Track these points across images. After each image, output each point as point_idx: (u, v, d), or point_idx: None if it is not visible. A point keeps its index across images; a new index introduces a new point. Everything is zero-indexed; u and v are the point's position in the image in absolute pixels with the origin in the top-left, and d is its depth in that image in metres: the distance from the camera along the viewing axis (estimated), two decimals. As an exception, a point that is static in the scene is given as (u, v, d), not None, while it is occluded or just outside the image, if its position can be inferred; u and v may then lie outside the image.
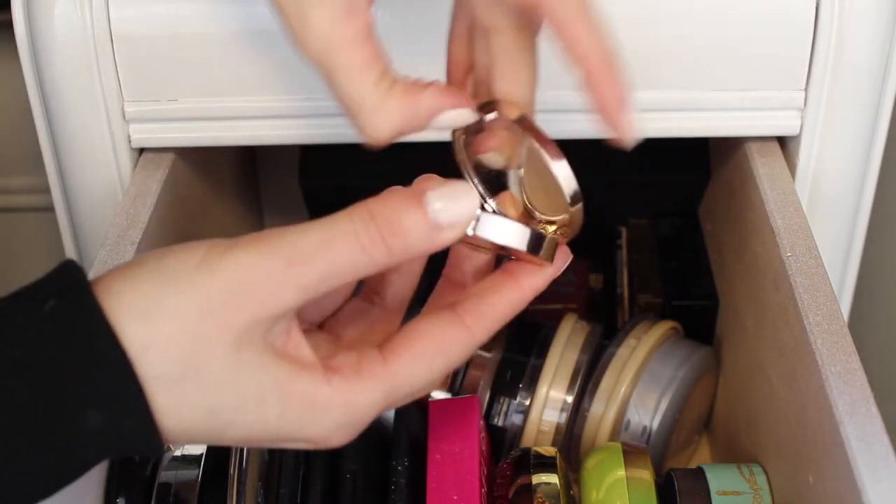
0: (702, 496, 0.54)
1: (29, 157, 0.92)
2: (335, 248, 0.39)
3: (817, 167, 0.62)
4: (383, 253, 0.39)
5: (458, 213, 0.40)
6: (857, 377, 0.47)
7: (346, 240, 0.39)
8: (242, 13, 0.58)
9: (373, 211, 0.39)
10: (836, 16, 0.57)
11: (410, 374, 0.42)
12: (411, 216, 0.39)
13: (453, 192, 0.40)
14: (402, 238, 0.39)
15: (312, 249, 0.39)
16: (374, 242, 0.39)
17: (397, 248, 0.39)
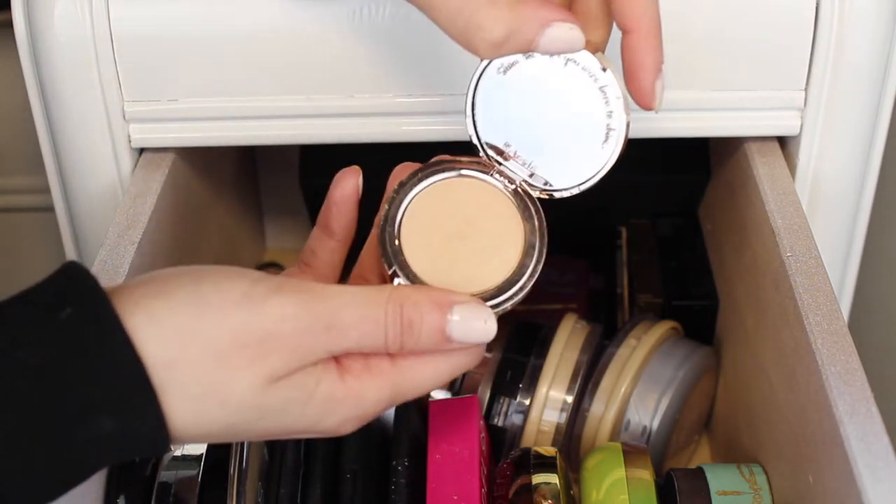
0: (702, 496, 0.54)
1: (29, 157, 0.92)
2: (366, 331, 0.43)
3: (817, 167, 0.62)
4: (397, 346, 0.43)
5: (470, 334, 0.44)
6: (857, 377, 0.47)
7: (376, 328, 0.43)
8: (243, 13, 0.58)
9: (404, 308, 0.43)
10: (836, 16, 0.57)
11: (416, 376, 0.44)
12: (431, 322, 0.43)
13: (474, 313, 0.44)
14: (416, 339, 0.43)
15: (349, 325, 0.42)
16: (394, 337, 0.43)
17: (408, 345, 0.43)
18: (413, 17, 0.57)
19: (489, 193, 0.48)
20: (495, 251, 0.47)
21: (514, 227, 0.48)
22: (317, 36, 0.58)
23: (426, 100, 0.59)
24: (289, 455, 0.54)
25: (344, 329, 0.42)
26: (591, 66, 0.47)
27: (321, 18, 0.58)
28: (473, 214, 0.48)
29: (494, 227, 0.48)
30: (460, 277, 0.46)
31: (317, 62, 0.58)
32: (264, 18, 0.58)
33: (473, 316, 0.44)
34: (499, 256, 0.47)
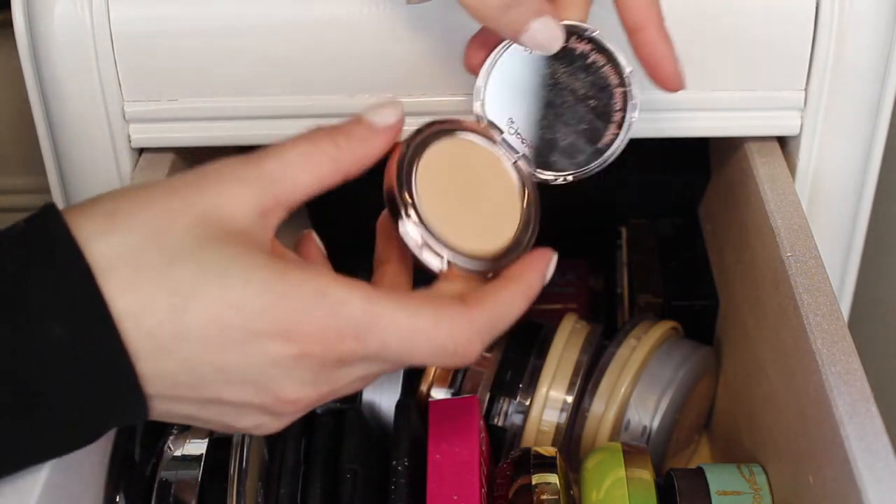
0: (702, 496, 0.54)
1: (29, 157, 0.92)
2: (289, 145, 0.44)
3: (817, 167, 0.62)
4: (330, 145, 0.44)
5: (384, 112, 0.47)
6: (857, 377, 0.47)
7: (296, 140, 0.44)
8: (243, 13, 0.58)
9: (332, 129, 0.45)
10: (836, 16, 0.57)
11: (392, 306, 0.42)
12: (348, 122, 0.46)
13: (381, 104, 0.46)
14: (345, 135, 0.45)
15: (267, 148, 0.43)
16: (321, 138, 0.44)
17: (342, 142, 0.44)
18: (413, 18, 0.57)
19: (492, 160, 0.50)
20: (496, 217, 0.48)
21: (514, 199, 0.49)
22: (317, 36, 0.58)
23: (426, 100, 0.59)
24: (289, 455, 0.54)
25: (266, 150, 0.43)
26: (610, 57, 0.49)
27: (322, 18, 0.58)
28: (478, 179, 0.49)
29: (496, 193, 0.49)
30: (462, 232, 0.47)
31: (317, 62, 0.58)
32: (264, 18, 0.58)
33: (383, 104, 0.46)
34: (499, 223, 0.48)
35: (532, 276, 0.47)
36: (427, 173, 0.47)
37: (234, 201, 0.41)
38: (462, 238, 0.47)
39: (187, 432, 0.54)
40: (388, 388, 0.63)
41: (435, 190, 0.47)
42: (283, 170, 0.43)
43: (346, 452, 0.54)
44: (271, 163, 0.43)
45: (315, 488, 0.53)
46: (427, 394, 0.65)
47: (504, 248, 0.48)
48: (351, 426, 0.56)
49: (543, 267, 0.48)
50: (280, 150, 0.43)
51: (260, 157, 0.43)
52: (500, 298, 0.45)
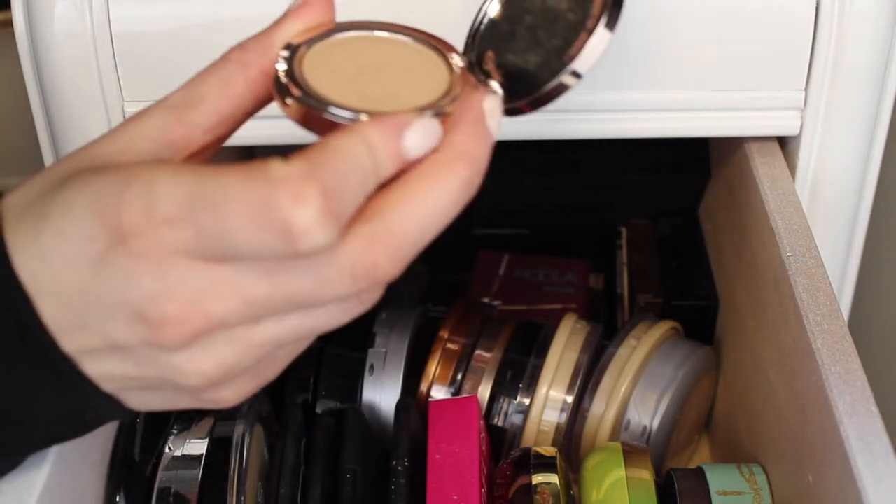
0: (702, 496, 0.54)
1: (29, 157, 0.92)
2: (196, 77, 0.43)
3: (817, 167, 0.62)
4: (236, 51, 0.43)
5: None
6: (857, 377, 0.47)
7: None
8: (243, 13, 0.58)
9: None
10: (836, 16, 0.57)
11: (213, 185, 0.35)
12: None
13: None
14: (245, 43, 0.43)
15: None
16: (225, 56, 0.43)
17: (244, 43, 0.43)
18: (412, 18, 0.57)
19: (409, 49, 0.43)
20: (418, 76, 0.41)
21: (435, 62, 0.42)
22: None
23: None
24: (289, 455, 0.54)
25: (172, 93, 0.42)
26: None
27: (321, 18, 0.57)
28: (388, 59, 0.42)
29: (412, 64, 0.42)
30: (382, 97, 0.40)
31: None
32: (264, 18, 0.57)
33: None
34: (423, 80, 0.41)
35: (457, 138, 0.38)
36: (319, 63, 0.41)
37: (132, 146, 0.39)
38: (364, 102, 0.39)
39: (187, 432, 0.54)
40: (388, 388, 0.63)
41: (329, 74, 0.40)
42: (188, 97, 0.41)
43: (346, 452, 0.54)
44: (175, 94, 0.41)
45: (315, 488, 0.53)
46: (427, 394, 0.65)
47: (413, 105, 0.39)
48: (351, 426, 0.56)
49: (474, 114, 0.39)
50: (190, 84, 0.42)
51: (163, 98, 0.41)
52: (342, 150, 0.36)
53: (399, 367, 0.63)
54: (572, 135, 0.60)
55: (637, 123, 0.60)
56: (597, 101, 0.59)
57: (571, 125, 0.60)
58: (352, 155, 0.36)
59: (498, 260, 0.80)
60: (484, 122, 0.39)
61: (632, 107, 0.59)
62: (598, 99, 0.59)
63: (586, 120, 0.60)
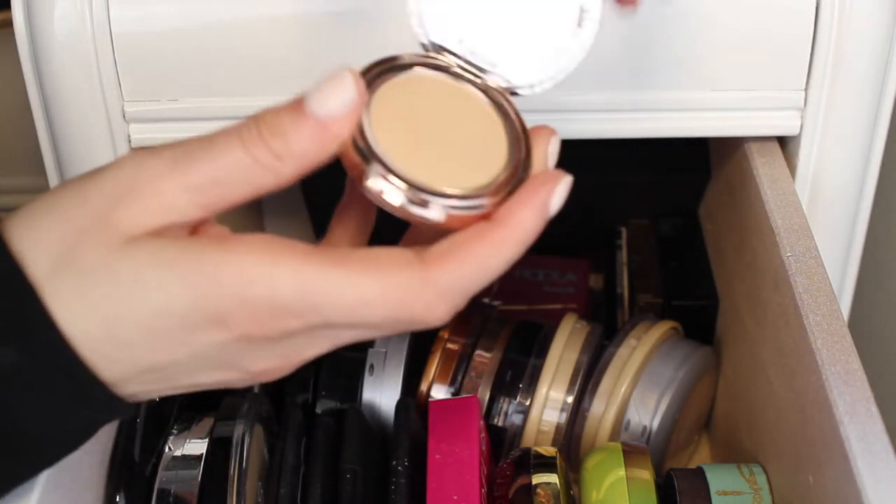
0: (702, 496, 0.54)
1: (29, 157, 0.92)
2: (218, 147, 0.37)
3: (817, 167, 0.62)
4: (267, 155, 0.37)
5: (334, 103, 0.38)
6: (857, 377, 0.47)
7: (228, 140, 0.37)
8: (243, 13, 0.58)
9: (258, 116, 0.38)
10: (836, 16, 0.57)
11: (330, 281, 0.37)
12: (291, 118, 0.38)
13: (326, 84, 0.38)
14: (283, 138, 0.37)
15: (197, 147, 0.37)
16: (255, 143, 0.37)
17: (281, 150, 0.37)
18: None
19: (454, 90, 0.43)
20: (481, 147, 0.42)
21: (491, 122, 0.43)
22: (317, 36, 0.58)
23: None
24: (289, 455, 0.54)
25: (193, 154, 0.37)
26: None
27: (321, 18, 0.58)
28: (444, 113, 0.42)
29: (470, 121, 0.43)
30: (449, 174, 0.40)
31: (317, 62, 0.58)
32: (264, 18, 0.58)
33: (326, 81, 0.38)
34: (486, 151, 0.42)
35: (523, 215, 0.39)
36: (382, 121, 0.40)
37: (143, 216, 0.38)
38: (446, 179, 0.40)
39: (187, 432, 0.54)
40: (388, 388, 0.63)
41: (396, 136, 0.40)
42: (211, 188, 0.38)
43: (346, 452, 0.54)
44: (197, 174, 0.38)
45: (315, 488, 0.53)
46: (427, 394, 0.65)
47: (503, 176, 0.41)
48: (351, 426, 0.56)
49: (541, 198, 0.40)
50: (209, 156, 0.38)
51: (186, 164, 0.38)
52: (470, 251, 0.38)
53: (399, 367, 0.63)
54: (572, 135, 0.60)
55: (637, 123, 0.60)
56: (597, 101, 0.59)
57: (571, 125, 0.60)
58: (487, 266, 0.39)
59: (498, 260, 0.80)
60: (548, 206, 0.40)
61: (632, 107, 0.59)
62: (598, 99, 0.59)
63: (586, 120, 0.60)
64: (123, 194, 0.37)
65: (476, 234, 0.39)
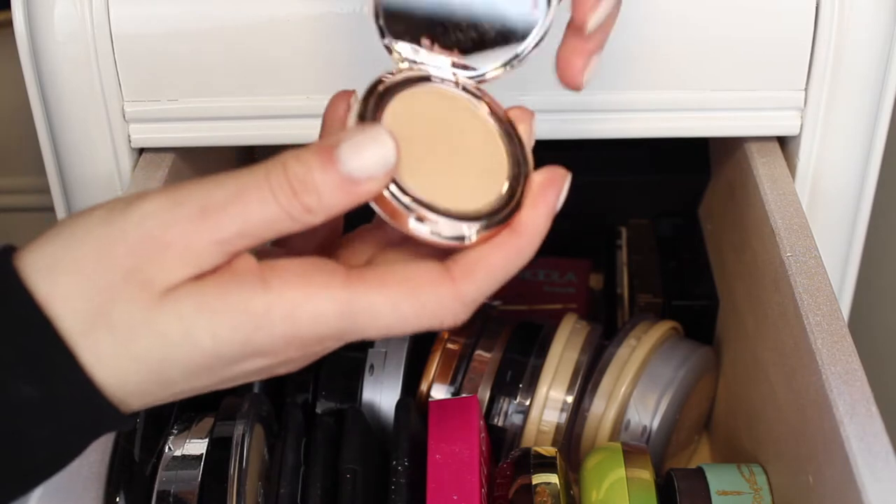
0: (702, 496, 0.54)
1: (29, 157, 0.92)
2: (250, 202, 0.37)
3: (817, 167, 0.62)
4: (299, 210, 0.38)
5: (370, 163, 0.38)
6: (857, 377, 0.47)
7: (260, 194, 0.37)
8: (243, 13, 0.58)
9: (287, 166, 0.38)
10: (836, 16, 0.57)
11: (370, 300, 0.39)
12: (323, 172, 0.37)
13: (363, 143, 0.38)
14: (317, 195, 0.38)
15: (227, 200, 0.37)
16: (288, 200, 0.37)
17: (314, 205, 0.38)
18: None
19: (447, 97, 0.44)
20: (483, 163, 0.43)
21: (483, 126, 0.44)
22: (317, 36, 0.58)
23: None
24: (289, 455, 0.54)
25: (221, 205, 0.37)
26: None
27: (321, 18, 0.58)
28: (444, 124, 0.43)
29: (466, 130, 0.43)
30: (457, 193, 0.41)
31: (316, 62, 0.58)
32: (264, 18, 0.57)
33: (363, 142, 0.38)
34: (487, 158, 0.43)
35: (538, 222, 0.41)
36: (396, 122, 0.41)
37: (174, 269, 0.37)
38: (464, 200, 0.41)
39: (187, 432, 0.54)
40: (388, 388, 0.63)
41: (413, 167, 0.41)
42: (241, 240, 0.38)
43: (346, 452, 0.54)
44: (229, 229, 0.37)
45: (315, 488, 0.53)
46: (427, 394, 0.65)
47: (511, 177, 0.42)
48: (351, 426, 0.56)
49: (550, 202, 0.41)
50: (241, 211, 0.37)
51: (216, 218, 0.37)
52: (494, 263, 0.40)
53: (399, 367, 0.63)
54: (572, 135, 0.60)
55: (637, 123, 0.60)
56: (597, 101, 0.59)
57: (572, 125, 0.60)
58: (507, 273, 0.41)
59: (498, 260, 0.80)
60: (556, 206, 0.42)
61: (632, 107, 0.59)
62: (598, 99, 0.59)
63: (586, 120, 0.60)
64: (153, 252, 0.37)
65: (498, 246, 0.41)
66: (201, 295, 0.37)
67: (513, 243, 0.41)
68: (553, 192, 0.41)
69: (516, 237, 0.41)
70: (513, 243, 0.41)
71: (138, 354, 0.37)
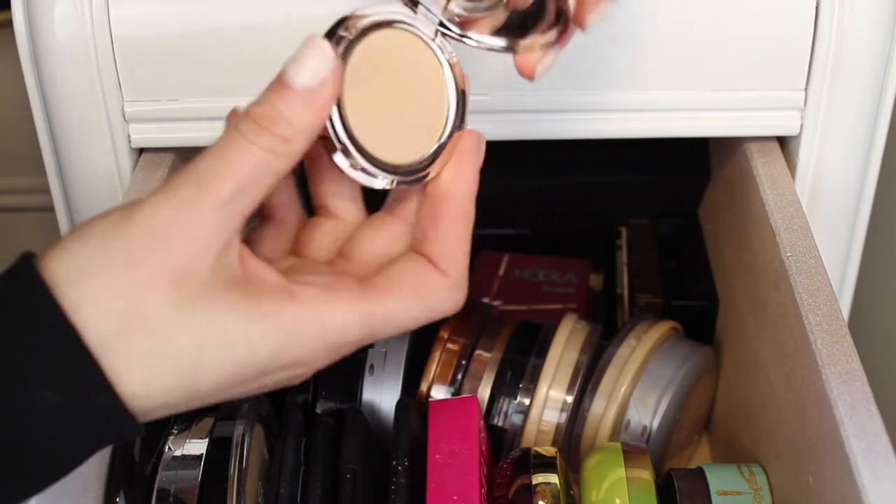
0: (702, 496, 0.54)
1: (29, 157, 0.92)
2: (234, 156, 0.39)
3: (817, 167, 0.62)
4: (278, 142, 0.40)
5: (318, 70, 0.41)
6: (857, 377, 0.47)
7: (238, 145, 0.39)
8: (243, 13, 0.58)
9: (250, 112, 0.40)
10: (836, 16, 0.57)
11: (388, 308, 0.42)
12: (281, 99, 0.40)
13: (303, 57, 0.41)
14: (285, 122, 0.40)
15: (214, 165, 0.39)
16: (264, 138, 0.39)
17: (288, 133, 0.40)
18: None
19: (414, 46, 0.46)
20: (426, 112, 0.46)
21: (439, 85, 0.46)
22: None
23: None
24: (289, 455, 0.54)
25: (211, 171, 0.39)
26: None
27: (321, 18, 0.57)
28: (403, 73, 0.45)
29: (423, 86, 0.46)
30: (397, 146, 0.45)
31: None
32: (264, 18, 0.58)
33: (300, 54, 0.41)
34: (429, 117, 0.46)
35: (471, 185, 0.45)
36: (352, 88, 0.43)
37: (197, 252, 0.39)
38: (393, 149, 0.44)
39: (187, 432, 0.54)
40: (388, 388, 0.63)
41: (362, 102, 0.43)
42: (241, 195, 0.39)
43: (346, 452, 0.54)
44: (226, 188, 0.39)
45: (315, 488, 0.53)
46: (427, 394, 0.65)
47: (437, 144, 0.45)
48: (351, 426, 0.56)
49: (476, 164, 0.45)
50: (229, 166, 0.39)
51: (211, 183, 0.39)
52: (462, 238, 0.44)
53: (399, 367, 0.63)
54: (572, 135, 0.60)
55: (637, 123, 0.60)
56: (597, 101, 0.59)
57: (571, 125, 0.60)
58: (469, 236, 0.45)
59: (498, 260, 0.80)
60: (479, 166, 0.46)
61: (632, 107, 0.59)
62: (598, 99, 0.59)
63: (586, 120, 0.60)
64: (172, 242, 0.38)
65: (452, 220, 0.44)
66: (234, 299, 0.39)
67: (462, 210, 0.45)
68: (477, 156, 0.45)
69: (461, 204, 0.45)
70: (462, 210, 0.45)
71: (173, 352, 0.38)
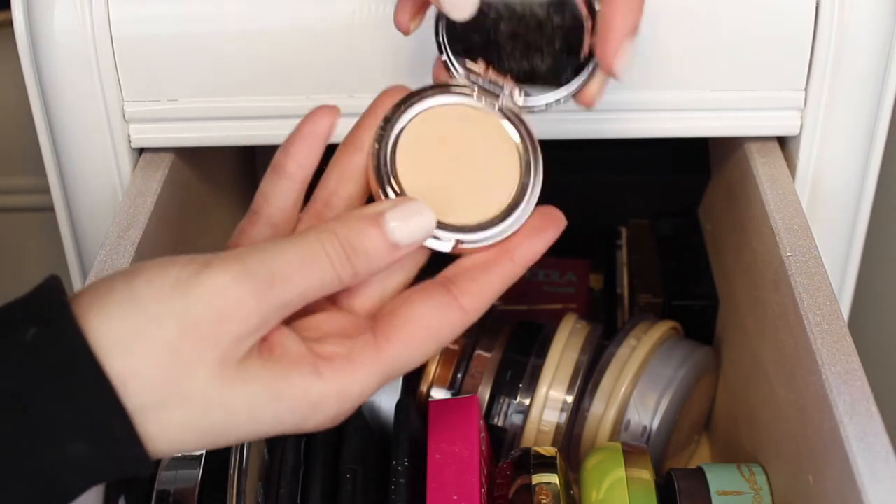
0: (702, 496, 0.54)
1: (29, 157, 0.92)
2: (311, 270, 0.41)
3: (817, 167, 0.62)
4: (350, 273, 0.42)
5: (414, 232, 0.43)
6: (857, 377, 0.47)
7: (318, 261, 0.41)
8: (243, 13, 0.58)
9: (338, 234, 0.42)
10: (836, 16, 0.57)
11: (403, 359, 0.43)
12: (372, 239, 0.42)
13: (408, 212, 0.43)
14: (366, 259, 0.42)
15: (290, 270, 0.40)
16: (342, 264, 0.42)
17: (362, 268, 0.42)
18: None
19: (479, 117, 0.48)
20: (493, 176, 0.47)
21: (508, 150, 0.47)
22: (316, 36, 0.58)
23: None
24: (289, 455, 0.54)
25: (288, 275, 0.40)
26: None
27: (321, 18, 0.58)
28: (466, 140, 0.47)
29: (488, 151, 0.47)
30: (459, 204, 0.46)
31: (317, 62, 0.58)
32: (264, 18, 0.58)
33: (408, 213, 0.43)
34: (497, 181, 0.46)
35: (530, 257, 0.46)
36: (408, 154, 0.46)
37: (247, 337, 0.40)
38: (460, 211, 0.45)
39: (187, 432, 0.54)
40: (388, 388, 0.63)
41: (420, 168, 0.45)
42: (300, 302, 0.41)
43: (346, 452, 0.54)
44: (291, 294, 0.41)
45: (315, 488, 0.53)
46: (427, 394, 0.65)
47: (508, 207, 0.46)
48: (351, 426, 0.56)
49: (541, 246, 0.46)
50: (304, 279, 0.41)
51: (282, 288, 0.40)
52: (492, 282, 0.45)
53: (399, 367, 0.63)
54: (572, 135, 0.60)
55: (637, 123, 0.60)
56: (597, 101, 0.59)
57: (571, 125, 0.60)
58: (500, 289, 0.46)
59: (498, 260, 0.80)
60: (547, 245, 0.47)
61: (632, 107, 0.59)
62: (598, 99, 0.59)
63: (586, 120, 0.60)
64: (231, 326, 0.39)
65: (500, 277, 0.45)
66: (269, 378, 0.40)
67: (510, 272, 0.45)
68: (547, 237, 0.46)
69: (513, 266, 0.45)
70: (510, 272, 0.45)
71: (205, 427, 0.40)
